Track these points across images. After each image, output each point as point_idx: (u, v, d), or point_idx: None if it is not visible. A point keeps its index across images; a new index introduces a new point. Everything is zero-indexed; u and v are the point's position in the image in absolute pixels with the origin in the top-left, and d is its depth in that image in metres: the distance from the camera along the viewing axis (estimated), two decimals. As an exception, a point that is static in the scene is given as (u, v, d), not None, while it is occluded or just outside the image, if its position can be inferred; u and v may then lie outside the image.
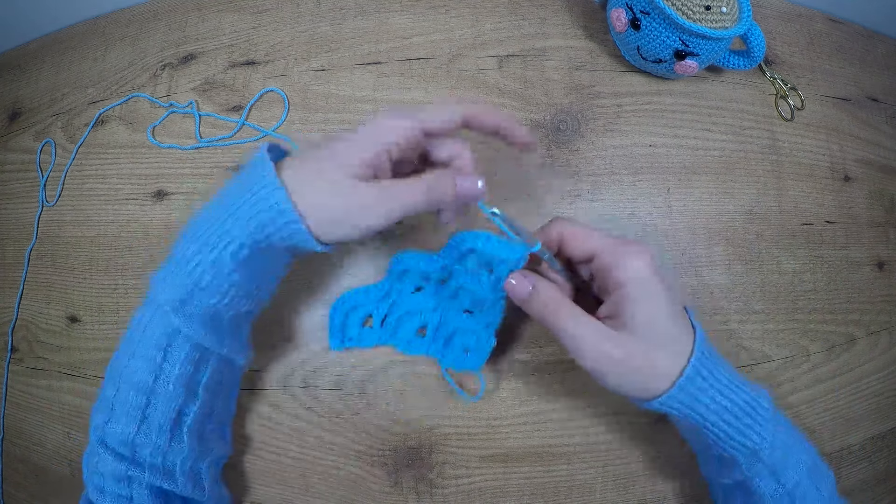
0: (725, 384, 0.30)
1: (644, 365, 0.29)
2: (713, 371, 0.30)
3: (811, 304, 0.44)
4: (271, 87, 0.45)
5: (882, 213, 0.47)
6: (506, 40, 0.46)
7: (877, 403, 0.44)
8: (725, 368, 0.31)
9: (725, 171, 0.45)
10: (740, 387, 0.31)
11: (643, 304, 0.29)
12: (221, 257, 0.29)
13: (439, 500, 0.40)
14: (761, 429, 0.30)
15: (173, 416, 0.32)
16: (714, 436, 0.31)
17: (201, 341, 0.31)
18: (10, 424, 0.45)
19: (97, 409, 0.32)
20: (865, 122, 0.48)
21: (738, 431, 0.30)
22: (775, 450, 0.31)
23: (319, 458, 0.41)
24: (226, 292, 0.30)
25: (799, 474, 0.31)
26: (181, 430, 0.32)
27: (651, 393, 0.30)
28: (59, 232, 0.46)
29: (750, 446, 0.30)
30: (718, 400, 0.30)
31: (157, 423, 0.31)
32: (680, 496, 0.41)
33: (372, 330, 0.40)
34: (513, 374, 0.41)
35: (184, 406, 0.32)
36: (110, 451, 0.30)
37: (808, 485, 0.32)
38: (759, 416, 0.30)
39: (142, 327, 0.31)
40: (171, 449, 0.32)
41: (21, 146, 0.49)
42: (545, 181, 0.43)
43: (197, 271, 0.29)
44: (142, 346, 0.31)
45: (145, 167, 0.46)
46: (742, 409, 0.30)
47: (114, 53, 0.49)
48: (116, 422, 0.31)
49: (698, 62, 0.41)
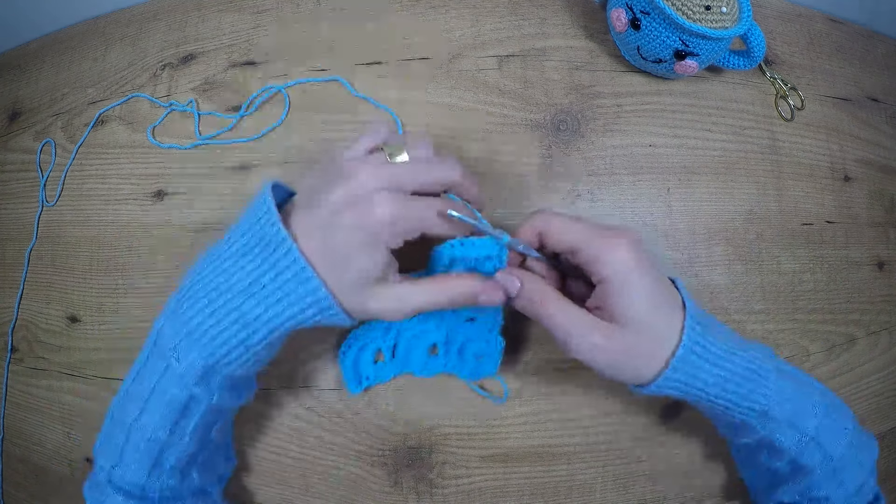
0: (721, 354, 0.30)
1: (634, 354, 0.29)
2: (707, 345, 0.30)
3: (811, 304, 0.44)
4: (273, 86, 0.45)
5: (882, 213, 0.47)
6: (506, 40, 0.46)
7: (877, 403, 0.44)
8: (720, 335, 0.31)
9: (725, 171, 0.45)
10: (736, 353, 0.30)
11: (627, 298, 0.29)
12: (250, 340, 0.29)
13: (439, 500, 0.40)
14: (766, 389, 0.30)
15: (186, 459, 0.32)
16: (720, 407, 0.31)
17: (220, 404, 0.31)
18: (10, 424, 0.45)
19: (102, 451, 0.32)
20: (865, 122, 0.48)
21: (743, 398, 0.30)
22: (785, 403, 0.31)
23: (319, 458, 0.41)
24: (251, 365, 0.31)
25: (817, 417, 0.31)
26: (191, 469, 0.33)
27: (646, 378, 0.30)
28: (59, 232, 0.46)
29: (758, 409, 0.30)
30: (716, 372, 0.30)
31: (169, 468, 0.31)
32: (680, 496, 0.41)
33: (385, 363, 0.40)
34: (513, 374, 0.41)
35: (197, 451, 0.32)
36: (119, 490, 0.31)
37: (829, 424, 0.32)
38: (760, 377, 0.30)
39: (151, 382, 0.30)
40: (182, 485, 0.32)
41: (21, 146, 0.49)
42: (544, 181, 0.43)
43: (222, 350, 0.29)
44: (154, 404, 0.30)
45: (145, 167, 0.46)
46: (742, 375, 0.30)
47: (114, 53, 0.49)
48: (126, 468, 0.30)
49: (698, 62, 0.41)
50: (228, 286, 0.28)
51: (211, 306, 0.29)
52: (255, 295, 0.28)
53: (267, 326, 0.28)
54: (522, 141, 0.44)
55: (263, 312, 0.28)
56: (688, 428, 0.41)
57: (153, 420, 0.30)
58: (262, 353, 0.30)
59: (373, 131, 0.31)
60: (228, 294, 0.28)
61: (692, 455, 0.41)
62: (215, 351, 0.29)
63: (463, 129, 0.44)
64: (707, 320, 0.31)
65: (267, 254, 0.28)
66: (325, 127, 0.44)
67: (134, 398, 0.31)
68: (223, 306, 0.28)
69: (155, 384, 0.30)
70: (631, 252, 0.29)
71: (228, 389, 0.32)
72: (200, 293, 0.29)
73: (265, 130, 0.44)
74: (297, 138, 0.44)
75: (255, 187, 0.44)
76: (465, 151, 0.43)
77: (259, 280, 0.28)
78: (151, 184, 0.45)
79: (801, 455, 0.32)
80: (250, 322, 0.28)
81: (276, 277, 0.28)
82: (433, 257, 0.33)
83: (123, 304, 0.44)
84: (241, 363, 0.30)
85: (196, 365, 0.29)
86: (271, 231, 0.28)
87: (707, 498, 0.41)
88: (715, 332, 0.31)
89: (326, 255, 0.28)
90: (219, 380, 0.30)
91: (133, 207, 0.45)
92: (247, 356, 0.30)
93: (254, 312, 0.28)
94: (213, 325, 0.28)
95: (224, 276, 0.29)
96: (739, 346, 0.31)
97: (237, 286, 0.28)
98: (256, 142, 0.44)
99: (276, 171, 0.44)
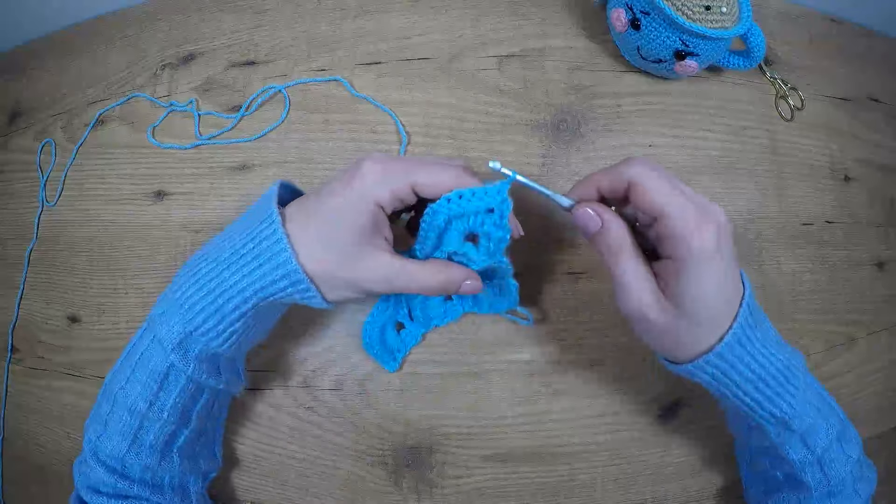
0: (763, 352, 0.29)
1: (683, 337, 0.28)
2: (753, 339, 0.29)
3: (811, 304, 0.44)
4: (274, 86, 0.45)
5: (882, 213, 0.47)
6: (506, 40, 0.46)
7: (877, 403, 0.44)
8: (764, 331, 0.30)
9: (725, 171, 0.45)
10: (775, 353, 0.30)
11: (695, 288, 0.27)
12: (224, 308, 0.30)
13: (439, 500, 0.40)
14: (792, 399, 0.30)
15: (165, 438, 0.32)
16: (746, 406, 0.31)
17: (197, 378, 0.32)
18: (10, 424, 0.45)
19: (91, 423, 0.32)
20: (865, 122, 0.48)
21: (769, 400, 0.30)
22: (805, 417, 0.30)
23: (319, 458, 0.41)
24: (227, 338, 0.31)
25: (829, 439, 0.31)
26: (171, 451, 0.33)
27: (684, 358, 0.29)
28: (59, 232, 0.46)
29: (779, 416, 0.30)
30: (753, 368, 0.29)
31: (149, 444, 0.32)
32: (681, 496, 0.41)
33: (408, 329, 0.41)
34: (513, 374, 0.41)
35: (176, 430, 0.33)
36: (101, 464, 0.31)
37: (837, 449, 0.31)
38: (791, 385, 0.30)
39: (138, 352, 0.31)
40: (161, 467, 0.33)
41: (21, 146, 0.49)
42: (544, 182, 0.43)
43: (199, 318, 0.30)
44: (139, 372, 0.31)
45: (145, 167, 0.46)
46: (776, 378, 0.29)
47: (114, 53, 0.49)
48: (109, 439, 0.31)
49: (698, 62, 0.41)
50: (216, 257, 0.30)
51: (196, 275, 0.30)
52: (234, 264, 0.29)
53: (240, 295, 0.29)
54: (522, 141, 0.44)
55: (239, 281, 0.29)
56: (688, 428, 0.41)
57: (135, 389, 0.31)
58: (239, 326, 0.31)
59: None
60: (214, 263, 0.30)
61: (692, 455, 0.41)
62: (194, 318, 0.30)
63: (463, 129, 0.44)
64: (759, 315, 0.31)
65: (253, 227, 0.30)
66: (325, 127, 0.44)
67: (123, 368, 0.32)
68: (206, 275, 0.30)
69: (142, 353, 0.31)
70: (716, 240, 0.26)
71: (207, 363, 0.32)
72: (192, 264, 0.31)
73: (265, 130, 0.44)
74: (297, 138, 0.44)
75: (255, 187, 0.44)
76: (466, 151, 0.43)
77: (239, 251, 0.29)
78: (151, 184, 0.45)
79: (802, 471, 0.32)
80: (226, 290, 0.29)
81: (253, 248, 0.29)
82: (426, 219, 0.31)
83: (123, 304, 0.44)
84: (216, 333, 0.30)
85: (174, 330, 0.30)
86: (264, 211, 0.30)
87: (707, 498, 0.41)
88: (763, 329, 0.30)
89: (314, 229, 0.29)
90: (196, 350, 0.31)
91: (133, 207, 0.45)
92: (222, 326, 0.30)
93: (230, 280, 0.29)
94: (195, 292, 0.30)
95: (215, 248, 0.30)
96: (780, 348, 0.30)
97: (222, 256, 0.30)
98: (256, 142, 0.44)
99: (277, 171, 0.44)
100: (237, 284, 0.29)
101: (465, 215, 0.30)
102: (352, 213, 0.28)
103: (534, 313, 0.41)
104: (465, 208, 0.29)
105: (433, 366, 0.41)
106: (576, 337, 0.41)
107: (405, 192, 0.29)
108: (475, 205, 0.29)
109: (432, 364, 0.41)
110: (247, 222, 0.31)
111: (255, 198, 0.43)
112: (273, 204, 0.30)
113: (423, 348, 0.41)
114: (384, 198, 0.28)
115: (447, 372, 0.41)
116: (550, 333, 0.41)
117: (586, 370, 0.41)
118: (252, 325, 0.32)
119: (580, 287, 0.42)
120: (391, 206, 0.29)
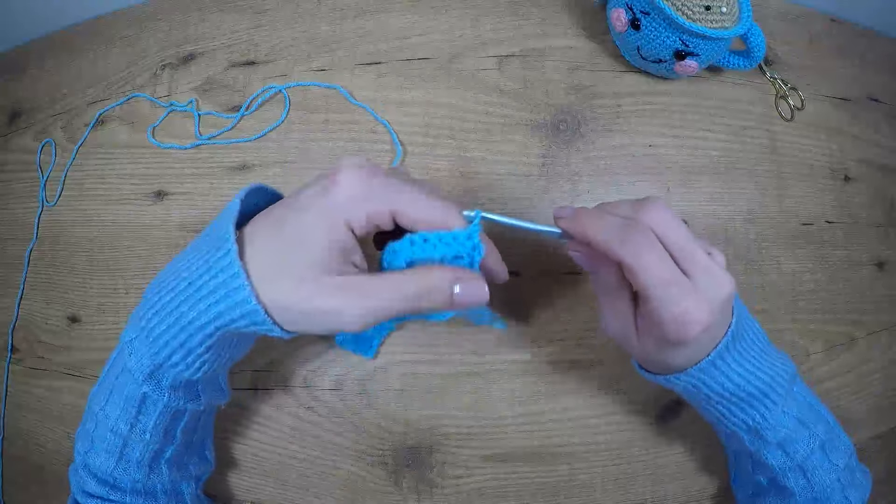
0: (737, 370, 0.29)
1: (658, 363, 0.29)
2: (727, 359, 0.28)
3: (811, 304, 0.44)
4: (274, 86, 0.45)
5: (882, 214, 0.47)
6: (506, 40, 0.46)
7: (877, 403, 0.44)
8: (747, 344, 0.30)
9: (725, 171, 0.45)
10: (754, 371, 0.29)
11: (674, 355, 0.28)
12: (189, 343, 0.27)
13: (439, 500, 0.40)
14: (767, 411, 0.30)
15: (151, 455, 0.32)
16: (716, 414, 0.31)
17: (175, 405, 0.30)
18: (10, 424, 0.45)
19: (79, 436, 0.32)
20: (865, 122, 0.48)
21: (742, 411, 0.30)
22: (780, 428, 0.30)
23: (319, 457, 0.41)
24: (198, 368, 0.28)
25: (809, 448, 0.31)
26: (159, 464, 0.33)
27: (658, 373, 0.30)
28: (59, 232, 0.46)
29: (751, 425, 0.30)
30: (726, 386, 0.29)
31: (135, 461, 0.31)
32: (681, 496, 0.41)
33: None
34: (513, 374, 0.41)
35: (162, 447, 0.32)
36: (92, 476, 0.31)
37: (820, 457, 0.31)
38: (769, 399, 0.30)
39: (114, 374, 0.30)
40: (151, 479, 0.32)
41: (21, 146, 0.49)
42: (544, 182, 0.43)
43: (165, 351, 0.27)
44: (116, 396, 0.30)
45: (145, 167, 0.46)
46: (750, 394, 0.29)
47: (114, 53, 0.49)
48: (97, 455, 0.31)
49: (698, 62, 0.41)
50: (174, 286, 0.27)
51: (157, 304, 0.27)
52: (190, 297, 0.26)
53: (201, 332, 0.26)
54: (522, 141, 0.44)
55: (196, 317, 0.26)
56: (688, 428, 0.41)
57: (115, 412, 0.30)
58: (209, 356, 0.28)
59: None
60: (171, 294, 0.27)
61: (692, 455, 0.41)
62: (159, 351, 0.27)
63: (463, 129, 0.44)
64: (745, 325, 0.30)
65: (210, 255, 0.26)
66: (325, 127, 0.44)
67: (103, 387, 0.31)
68: (165, 306, 0.27)
69: (117, 376, 0.30)
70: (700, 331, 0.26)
71: (183, 390, 0.30)
72: (154, 290, 0.28)
73: (265, 130, 0.44)
74: (297, 138, 0.44)
75: (255, 187, 0.44)
76: (466, 151, 0.43)
77: (195, 282, 0.26)
78: (151, 184, 0.45)
79: (784, 477, 0.32)
80: (185, 326, 0.26)
81: (210, 281, 0.25)
82: (386, 257, 0.27)
83: (123, 304, 0.44)
84: (186, 366, 0.28)
85: (143, 363, 0.28)
86: (222, 235, 0.26)
87: (707, 498, 0.41)
88: (746, 341, 0.30)
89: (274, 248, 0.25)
90: (168, 380, 0.29)
91: (133, 207, 0.45)
92: (190, 359, 0.28)
93: (188, 316, 0.26)
94: (158, 323, 0.27)
95: (174, 275, 0.27)
96: (763, 360, 0.30)
97: (180, 286, 0.26)
98: (256, 142, 0.44)
99: (277, 171, 0.44)
100: (196, 320, 0.26)
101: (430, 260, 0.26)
102: (316, 234, 0.24)
103: (534, 313, 0.41)
104: (429, 254, 0.26)
105: (433, 366, 0.41)
106: (576, 337, 0.41)
107: (383, 219, 0.25)
108: (441, 251, 0.26)
109: (432, 364, 0.41)
110: (205, 243, 0.27)
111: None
112: (231, 226, 0.26)
113: (423, 348, 0.41)
114: (358, 221, 0.25)
115: (447, 372, 0.41)
116: (550, 333, 0.41)
117: (586, 370, 0.41)
118: (223, 351, 0.29)
119: (580, 287, 0.42)
120: (363, 231, 0.25)
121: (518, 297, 0.41)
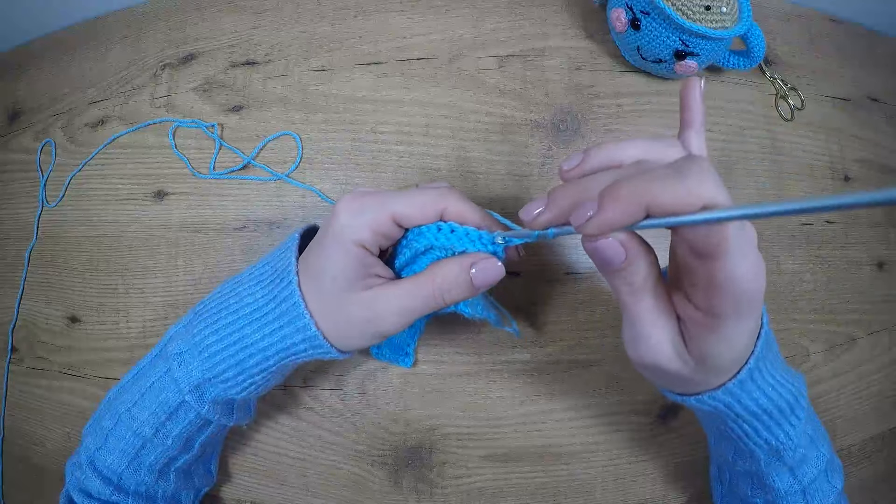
0: (770, 382, 0.27)
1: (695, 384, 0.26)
2: (762, 370, 0.26)
3: (811, 304, 0.44)
4: (287, 132, 0.44)
5: (882, 214, 0.47)
6: (506, 40, 0.46)
7: (877, 403, 0.44)
8: (774, 356, 0.28)
9: (725, 171, 0.45)
10: (784, 383, 0.28)
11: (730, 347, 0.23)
12: (246, 363, 0.29)
13: (439, 500, 0.40)
14: (792, 429, 0.29)
15: (165, 461, 0.32)
16: (742, 431, 0.29)
17: (209, 417, 0.32)
18: (10, 424, 0.45)
19: (90, 432, 0.33)
20: (865, 122, 0.48)
21: (767, 429, 0.29)
22: (799, 448, 0.30)
23: (319, 458, 0.41)
24: (245, 388, 0.31)
25: (817, 470, 0.31)
26: (169, 471, 0.33)
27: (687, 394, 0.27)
28: (60, 232, 0.46)
29: (774, 444, 0.29)
30: (761, 402, 0.27)
31: (148, 465, 0.32)
32: (681, 496, 0.41)
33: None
34: (513, 374, 0.41)
35: (177, 455, 0.33)
36: (97, 474, 0.31)
37: (822, 481, 0.31)
38: (795, 416, 0.29)
39: (149, 380, 0.31)
40: (157, 484, 0.33)
41: (21, 146, 0.49)
42: (544, 182, 0.43)
43: (219, 367, 0.30)
44: (148, 399, 0.31)
45: (145, 167, 0.46)
46: (781, 410, 0.28)
47: (114, 53, 0.49)
48: (109, 453, 0.31)
49: (698, 62, 0.41)
50: (237, 309, 0.30)
51: (218, 324, 0.30)
52: (256, 321, 0.29)
53: (262, 353, 0.29)
54: (522, 141, 0.44)
55: (260, 340, 0.29)
56: (688, 428, 0.41)
57: (143, 415, 0.31)
58: (259, 379, 0.30)
59: None
60: (235, 316, 0.29)
61: (692, 455, 0.41)
62: (214, 366, 0.30)
63: (463, 129, 0.44)
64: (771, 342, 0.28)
65: (275, 285, 0.29)
66: (325, 127, 0.44)
67: (131, 390, 0.32)
68: (227, 326, 0.29)
69: (153, 382, 0.31)
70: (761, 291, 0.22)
71: (221, 405, 0.32)
72: (213, 311, 0.30)
73: (276, 176, 0.44)
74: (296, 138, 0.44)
75: (255, 187, 0.44)
76: (466, 151, 0.43)
77: (262, 308, 0.29)
78: (151, 184, 0.45)
79: (785, 501, 0.31)
80: (247, 346, 0.29)
81: (275, 308, 0.29)
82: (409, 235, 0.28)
83: (123, 304, 0.44)
84: (236, 383, 0.30)
85: (194, 374, 0.30)
86: (284, 264, 0.29)
87: (707, 498, 0.41)
88: (773, 353, 0.28)
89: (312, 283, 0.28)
90: (213, 394, 0.31)
91: (133, 207, 0.45)
92: (242, 377, 0.30)
93: (252, 338, 0.29)
94: (216, 341, 0.29)
95: (236, 298, 0.30)
96: (785, 374, 0.29)
97: (244, 310, 0.29)
98: (256, 142, 0.44)
99: (277, 170, 0.44)
100: (259, 343, 0.29)
101: (450, 249, 0.28)
102: (333, 260, 0.27)
103: (534, 313, 0.41)
104: (452, 243, 0.27)
105: (433, 366, 0.41)
106: (576, 337, 0.41)
107: (386, 226, 0.27)
108: (464, 244, 0.27)
109: (432, 364, 0.41)
110: (266, 273, 0.30)
111: (254, 199, 0.43)
112: (293, 260, 0.29)
113: (422, 348, 0.41)
114: (364, 236, 0.27)
115: (447, 372, 0.41)
116: (550, 333, 0.41)
117: (586, 370, 0.41)
118: (272, 378, 0.32)
119: (580, 287, 0.42)
120: (375, 244, 0.27)
121: (518, 297, 0.42)
